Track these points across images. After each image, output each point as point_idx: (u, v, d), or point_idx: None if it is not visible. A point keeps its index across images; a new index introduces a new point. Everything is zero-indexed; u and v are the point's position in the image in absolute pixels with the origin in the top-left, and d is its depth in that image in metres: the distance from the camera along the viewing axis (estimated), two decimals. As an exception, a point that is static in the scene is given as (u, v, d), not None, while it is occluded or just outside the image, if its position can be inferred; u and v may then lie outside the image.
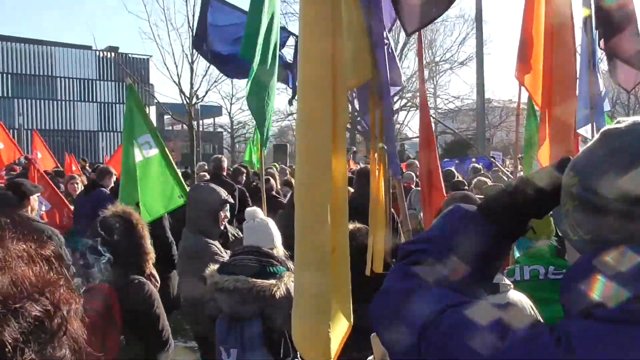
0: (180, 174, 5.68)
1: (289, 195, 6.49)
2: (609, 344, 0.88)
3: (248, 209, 3.67)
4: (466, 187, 7.72)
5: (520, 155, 7.01)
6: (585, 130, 4.10)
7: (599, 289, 0.96)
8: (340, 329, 2.49)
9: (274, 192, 8.37)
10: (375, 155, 2.86)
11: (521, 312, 1.01)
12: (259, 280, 3.10)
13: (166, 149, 5.56)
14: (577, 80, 3.92)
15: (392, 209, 3.24)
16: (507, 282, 2.47)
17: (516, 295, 2.46)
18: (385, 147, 2.75)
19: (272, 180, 8.61)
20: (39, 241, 0.86)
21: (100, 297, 2.86)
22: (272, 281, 3.11)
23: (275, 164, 16.79)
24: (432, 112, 39.96)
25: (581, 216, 1.05)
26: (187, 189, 5.43)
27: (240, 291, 3.09)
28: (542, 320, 1.05)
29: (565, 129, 3.62)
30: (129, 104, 5.49)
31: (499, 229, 1.16)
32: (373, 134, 2.78)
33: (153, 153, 5.38)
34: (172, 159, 5.57)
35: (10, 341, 0.73)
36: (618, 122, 1.07)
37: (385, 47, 2.59)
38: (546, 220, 3.52)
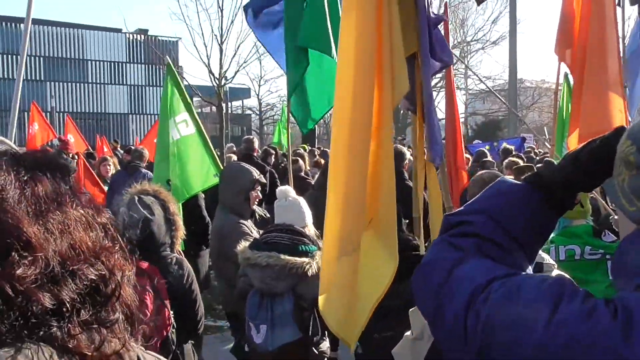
0: (215, 154, 5.74)
1: (316, 176, 6.48)
2: None
3: (280, 188, 3.69)
4: (495, 168, 7.61)
5: (546, 137, 6.84)
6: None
7: None
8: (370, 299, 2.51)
9: (302, 174, 8.38)
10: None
11: (573, 285, 0.98)
12: (291, 257, 3.12)
13: (202, 127, 5.61)
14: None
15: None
16: (551, 261, 2.43)
17: (560, 275, 2.44)
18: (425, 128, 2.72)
19: (300, 161, 8.62)
20: (95, 208, 0.89)
21: (144, 275, 2.90)
22: (305, 259, 3.14)
23: (305, 145, 16.76)
24: (462, 92, 39.51)
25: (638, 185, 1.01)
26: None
27: (273, 267, 3.12)
28: None
29: (598, 108, 3.53)
30: (168, 83, 5.54)
31: (548, 200, 1.15)
32: (419, 112, 2.76)
33: (190, 131, 5.44)
34: (208, 138, 5.62)
35: (68, 300, 0.76)
36: None
37: (428, 19, 2.55)
38: (582, 198, 3.47)
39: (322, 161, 8.79)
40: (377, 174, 2.53)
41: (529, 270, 1.19)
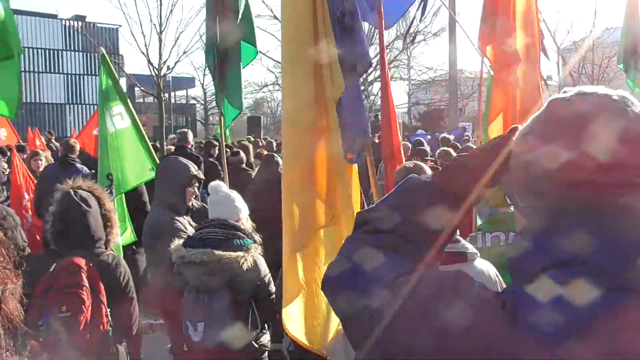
0: (151, 147, 5.66)
1: (256, 169, 6.48)
2: (549, 309, 0.91)
3: (212, 183, 3.67)
4: (429, 157, 7.83)
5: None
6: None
7: (542, 256, 1.00)
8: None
9: (244, 165, 8.33)
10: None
11: (468, 280, 1.03)
12: (226, 252, 3.12)
13: (138, 120, 5.54)
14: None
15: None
16: (474, 250, 2.49)
17: (482, 264, 2.50)
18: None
19: (242, 153, 8.56)
20: None
21: (80, 271, 2.86)
22: (239, 253, 3.15)
23: (250, 136, 16.67)
24: (405, 83, 40.08)
25: (529, 183, 1.08)
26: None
27: (207, 264, 3.11)
28: (504, 286, 1.09)
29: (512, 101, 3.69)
30: (102, 74, 5.46)
31: (453, 197, 1.18)
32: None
33: (125, 125, 5.38)
34: (143, 131, 5.56)
35: None
36: (564, 92, 1.10)
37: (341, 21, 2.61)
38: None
39: (265, 152, 8.74)
40: (332, 171, 2.61)
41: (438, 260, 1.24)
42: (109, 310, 2.96)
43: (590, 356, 0.88)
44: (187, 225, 4.06)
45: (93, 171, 6.11)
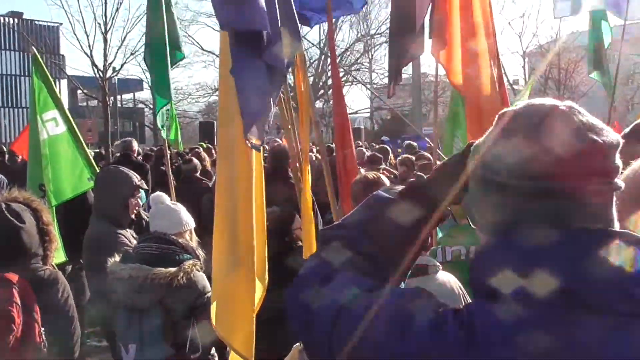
0: (90, 154, 5.55)
1: (213, 179, 6.42)
2: (507, 326, 0.93)
3: (153, 195, 3.62)
4: (383, 165, 7.89)
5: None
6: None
7: (499, 271, 1.01)
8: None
9: (197, 174, 8.22)
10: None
11: (429, 297, 1.05)
12: (156, 268, 3.05)
13: (75, 126, 5.43)
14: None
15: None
16: (436, 263, 2.54)
17: (445, 276, 2.53)
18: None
19: (195, 161, 8.44)
20: None
21: (12, 287, 2.77)
22: (171, 269, 3.07)
23: (202, 143, 16.51)
24: (366, 87, 40.44)
25: (485, 198, 1.10)
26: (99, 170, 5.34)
27: (136, 280, 3.04)
28: (468, 300, 1.11)
29: (482, 107, 3.77)
30: (34, 76, 5.35)
31: (419, 215, 1.22)
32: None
33: (60, 131, 5.30)
34: (81, 137, 5.48)
35: None
36: (515, 105, 1.13)
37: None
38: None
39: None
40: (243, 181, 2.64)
41: (400, 279, 1.26)
42: (43, 329, 2.86)
43: None
44: (131, 238, 3.97)
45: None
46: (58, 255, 5.00)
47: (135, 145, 8.83)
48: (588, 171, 1.01)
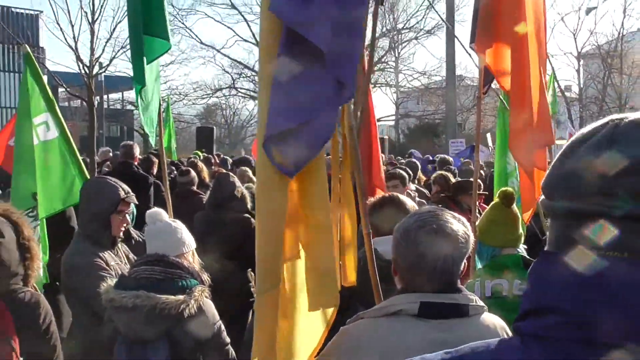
0: (82, 163, 5.64)
1: (208, 193, 6.44)
2: None
3: (149, 211, 3.61)
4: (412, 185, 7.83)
5: (491, 146, 7.13)
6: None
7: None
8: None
9: (194, 187, 8.26)
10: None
11: None
12: (163, 296, 3.10)
13: (68, 132, 5.54)
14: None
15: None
16: (480, 302, 2.37)
17: (490, 319, 2.38)
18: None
19: (192, 172, 8.47)
20: None
21: None
22: (181, 297, 3.12)
23: (198, 151, 16.61)
24: (392, 90, 40.40)
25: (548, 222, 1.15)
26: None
27: (141, 309, 3.08)
28: None
29: (539, 115, 3.79)
30: (26, 75, 5.44)
31: None
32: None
33: (52, 136, 5.38)
34: (74, 145, 5.57)
35: None
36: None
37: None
38: (513, 225, 3.67)
39: (223, 171, 8.67)
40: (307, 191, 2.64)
41: None
42: (22, 359, 2.92)
43: None
44: (110, 261, 3.96)
45: (8, 190, 6.03)
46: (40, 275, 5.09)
47: (137, 151, 8.86)
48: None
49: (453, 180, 7.57)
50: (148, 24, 5.04)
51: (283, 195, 2.51)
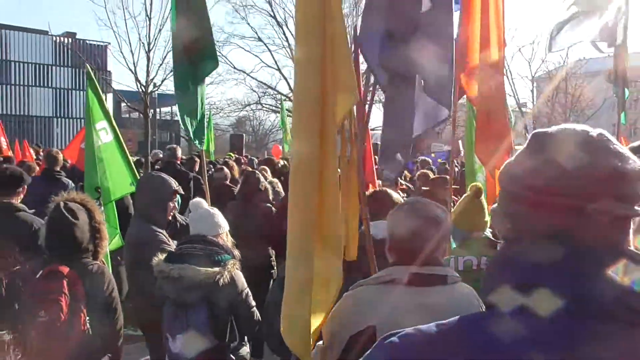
0: (132, 162, 5.65)
1: (239, 185, 6.44)
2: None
3: (192, 200, 3.67)
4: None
5: (462, 149, 7.04)
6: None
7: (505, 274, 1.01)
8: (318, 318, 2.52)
9: (227, 182, 8.27)
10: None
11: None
12: (203, 268, 3.10)
13: (120, 136, 5.55)
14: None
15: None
16: (456, 274, 2.38)
17: (464, 288, 2.37)
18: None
19: (225, 170, 8.52)
20: None
21: (63, 279, 2.85)
22: (217, 269, 3.12)
23: (231, 153, 16.63)
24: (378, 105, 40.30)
25: (505, 207, 1.09)
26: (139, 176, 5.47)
27: (185, 279, 3.09)
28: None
29: (501, 127, 3.74)
30: (88, 90, 5.51)
31: None
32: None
33: (109, 139, 5.42)
34: (125, 147, 5.59)
35: None
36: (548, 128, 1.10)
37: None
38: (480, 213, 3.64)
39: (250, 169, 8.69)
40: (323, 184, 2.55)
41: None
42: (88, 318, 2.93)
43: None
44: (168, 238, 4.02)
45: (81, 184, 6.04)
46: (116, 242, 5.15)
47: (179, 152, 8.89)
48: (611, 194, 0.98)
49: (432, 177, 7.55)
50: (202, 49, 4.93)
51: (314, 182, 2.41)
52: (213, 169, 9.64)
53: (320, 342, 2.39)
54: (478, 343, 0.96)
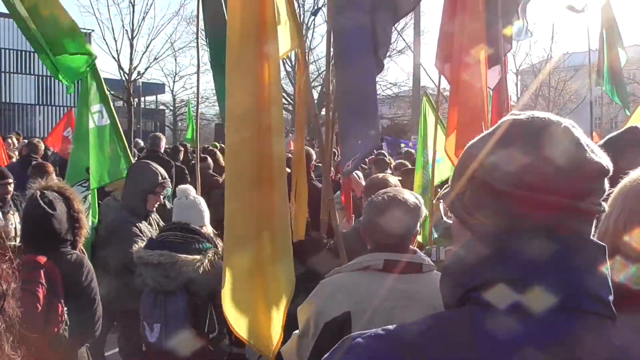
0: (127, 148, 5.63)
1: (224, 175, 6.44)
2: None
3: (180, 187, 3.66)
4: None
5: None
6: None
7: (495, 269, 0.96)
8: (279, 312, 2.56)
9: (211, 171, 8.25)
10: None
11: None
12: (183, 255, 3.08)
13: (117, 121, 5.54)
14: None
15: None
16: (431, 262, 2.41)
17: (439, 277, 2.45)
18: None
19: (209, 159, 8.49)
20: None
21: (40, 269, 2.83)
22: (197, 257, 3.11)
23: (216, 142, 16.53)
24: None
25: (481, 201, 1.02)
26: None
27: (164, 265, 3.08)
28: None
29: (473, 116, 3.77)
30: (87, 74, 5.42)
31: None
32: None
33: (105, 123, 5.39)
34: (122, 132, 5.56)
35: None
36: (517, 114, 1.06)
37: None
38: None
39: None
40: (270, 177, 2.56)
41: None
42: (66, 308, 2.91)
43: None
44: (144, 229, 3.96)
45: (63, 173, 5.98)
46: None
47: (162, 141, 8.86)
48: (581, 189, 0.97)
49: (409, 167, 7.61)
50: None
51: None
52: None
53: (297, 331, 2.40)
54: (463, 342, 0.92)
